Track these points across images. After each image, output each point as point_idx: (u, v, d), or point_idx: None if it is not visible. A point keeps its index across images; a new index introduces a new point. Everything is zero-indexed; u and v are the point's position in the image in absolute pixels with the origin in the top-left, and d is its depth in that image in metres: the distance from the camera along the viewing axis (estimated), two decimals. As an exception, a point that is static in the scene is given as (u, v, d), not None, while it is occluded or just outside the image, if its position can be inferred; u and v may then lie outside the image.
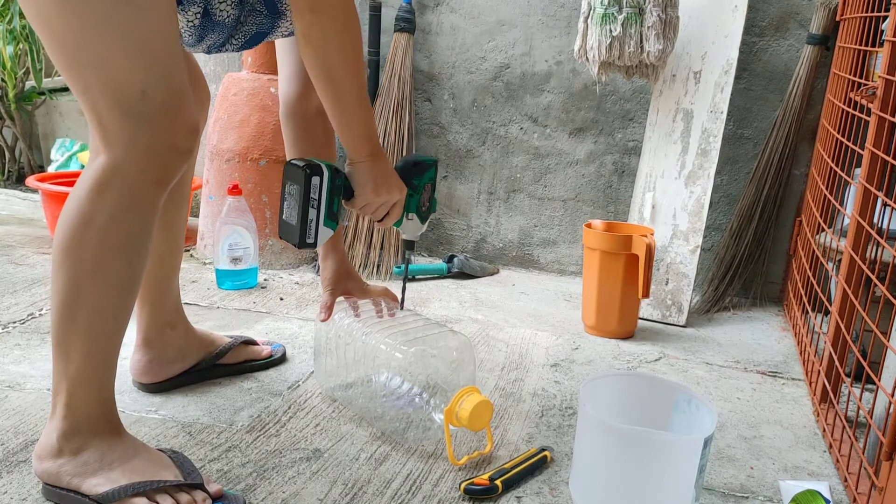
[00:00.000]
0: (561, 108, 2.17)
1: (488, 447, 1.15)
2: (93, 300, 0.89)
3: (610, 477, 0.96)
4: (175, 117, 0.87)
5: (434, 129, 2.27)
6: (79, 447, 0.93)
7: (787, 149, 1.98)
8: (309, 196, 1.06)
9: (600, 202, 2.20)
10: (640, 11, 1.74)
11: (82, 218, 0.87)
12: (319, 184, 1.06)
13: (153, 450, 0.98)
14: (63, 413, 0.92)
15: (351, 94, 1.03)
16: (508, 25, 2.15)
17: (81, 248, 0.87)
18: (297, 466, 1.08)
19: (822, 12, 1.90)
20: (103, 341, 0.92)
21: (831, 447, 1.23)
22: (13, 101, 2.79)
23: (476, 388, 1.12)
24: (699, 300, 2.02)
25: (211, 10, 1.02)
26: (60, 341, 0.90)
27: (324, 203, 1.07)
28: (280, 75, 1.26)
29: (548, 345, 1.67)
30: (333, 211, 1.09)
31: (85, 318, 0.89)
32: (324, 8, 0.95)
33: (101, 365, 0.93)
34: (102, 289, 0.89)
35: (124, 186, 0.86)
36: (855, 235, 1.28)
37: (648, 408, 1.06)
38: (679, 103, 1.90)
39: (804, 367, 1.61)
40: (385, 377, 1.17)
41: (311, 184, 1.05)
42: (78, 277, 0.88)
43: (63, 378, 0.91)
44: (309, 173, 1.05)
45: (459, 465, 1.10)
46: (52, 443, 0.93)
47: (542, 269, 2.29)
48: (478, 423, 1.10)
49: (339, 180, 1.08)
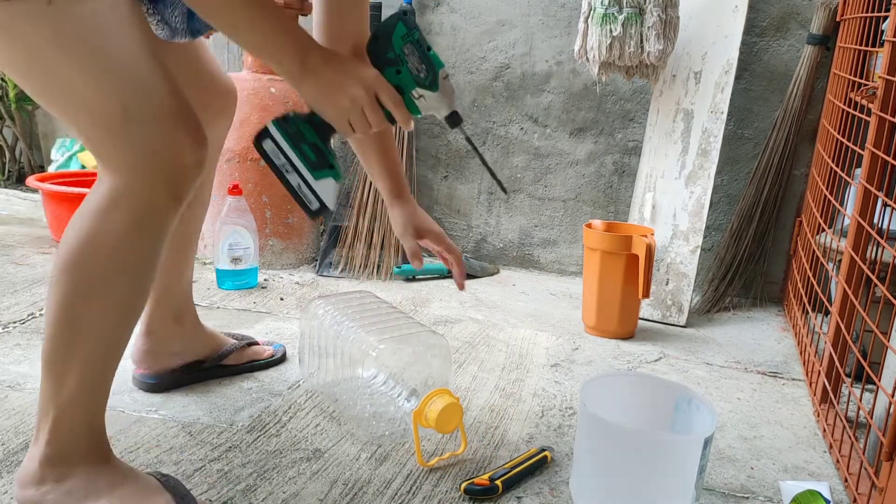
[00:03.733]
0: (561, 109, 2.17)
1: (462, 447, 1.14)
2: (91, 321, 0.84)
3: (610, 477, 0.96)
4: (170, 131, 0.82)
5: (434, 128, 2.27)
6: (63, 474, 0.87)
7: (788, 149, 1.98)
8: (275, 164, 0.92)
9: (600, 202, 2.20)
10: (641, 11, 1.74)
11: (87, 237, 0.83)
12: (274, 145, 0.91)
13: (143, 475, 0.93)
14: (48, 438, 0.86)
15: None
16: (509, 25, 2.15)
17: (84, 267, 0.83)
18: (297, 466, 1.08)
19: (823, 12, 1.90)
20: (99, 365, 0.87)
21: (831, 447, 1.23)
22: (13, 100, 2.79)
23: (447, 391, 1.11)
24: (699, 300, 2.02)
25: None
26: (52, 362, 0.85)
27: (295, 160, 0.91)
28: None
29: (548, 345, 1.67)
30: (313, 159, 0.92)
31: (81, 340, 0.85)
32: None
33: (94, 390, 0.88)
34: (102, 310, 0.85)
35: (134, 207, 0.83)
36: (855, 236, 1.28)
37: (649, 408, 1.06)
38: (679, 103, 1.90)
39: (804, 367, 1.61)
40: (365, 374, 1.17)
41: (266, 150, 0.92)
42: (76, 297, 0.84)
43: (51, 402, 0.86)
44: (258, 141, 0.92)
45: (429, 466, 1.10)
46: (35, 469, 0.87)
47: (542, 270, 2.29)
48: (446, 426, 1.09)
49: (292, 125, 0.91)
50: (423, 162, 2.28)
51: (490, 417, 1.28)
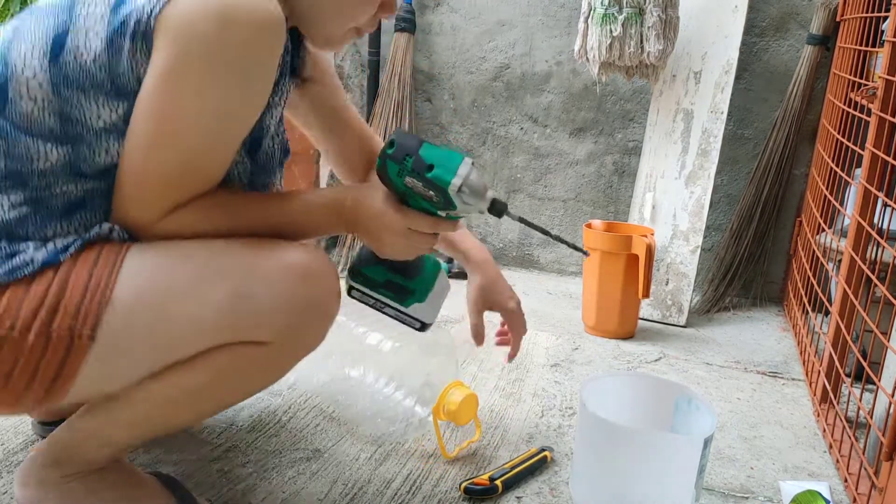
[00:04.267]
0: (561, 109, 2.17)
1: (476, 435, 1.16)
2: (177, 418, 0.86)
3: (610, 477, 0.96)
4: (299, 313, 0.80)
5: (434, 129, 2.27)
6: (64, 474, 0.86)
7: (788, 149, 1.98)
8: (371, 305, 0.95)
9: (600, 202, 2.20)
10: (641, 12, 1.74)
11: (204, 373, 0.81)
12: (360, 293, 0.94)
13: (144, 475, 0.93)
14: (52, 440, 0.86)
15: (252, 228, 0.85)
16: (509, 25, 2.15)
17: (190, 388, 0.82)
18: (297, 466, 1.08)
19: (823, 13, 1.90)
20: (150, 432, 0.88)
21: (831, 447, 1.23)
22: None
23: (461, 382, 1.13)
24: (699, 300, 2.02)
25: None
26: (111, 421, 0.84)
27: (381, 298, 0.93)
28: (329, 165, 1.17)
29: (548, 345, 1.67)
30: (393, 295, 0.93)
31: (152, 420, 0.85)
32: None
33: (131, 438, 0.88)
34: (187, 413, 0.86)
35: (270, 364, 0.84)
36: (855, 236, 1.28)
37: (649, 408, 1.06)
38: (679, 103, 1.90)
39: (804, 367, 1.61)
40: (369, 373, 1.17)
41: (358, 298, 0.95)
42: (171, 403, 0.83)
43: (81, 429, 0.85)
44: (349, 294, 0.94)
45: (451, 457, 1.11)
46: (36, 468, 0.86)
47: (542, 269, 2.29)
48: (464, 417, 1.11)
49: (359, 277, 0.93)
50: (423, 162, 2.28)
51: (490, 417, 1.28)
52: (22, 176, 0.76)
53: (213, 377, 0.81)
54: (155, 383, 0.80)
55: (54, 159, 0.77)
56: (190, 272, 0.78)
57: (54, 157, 0.77)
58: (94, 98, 0.76)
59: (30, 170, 0.76)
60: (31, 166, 0.76)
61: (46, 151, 0.76)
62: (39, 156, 0.76)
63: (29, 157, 0.76)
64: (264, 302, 0.78)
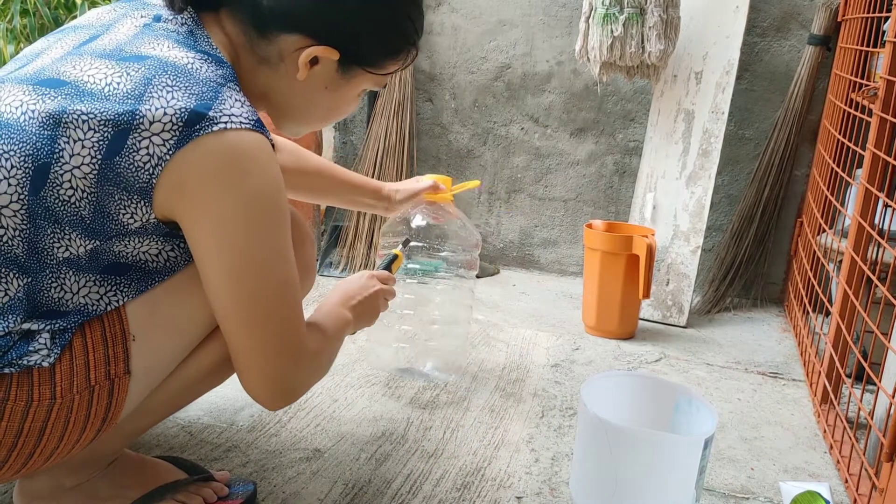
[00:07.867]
0: (562, 109, 2.17)
1: (475, 182, 1.44)
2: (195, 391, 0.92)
3: (610, 477, 0.96)
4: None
5: (435, 129, 2.27)
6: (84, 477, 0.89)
7: (789, 149, 1.98)
8: None
9: (601, 202, 2.20)
10: (642, 12, 1.74)
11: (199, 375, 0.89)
12: None
13: (156, 460, 0.97)
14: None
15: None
16: (509, 25, 2.15)
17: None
18: (297, 466, 1.08)
19: (824, 13, 1.90)
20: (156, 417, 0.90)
21: (832, 448, 1.23)
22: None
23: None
24: (700, 301, 2.02)
25: None
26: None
27: None
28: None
29: (548, 345, 1.67)
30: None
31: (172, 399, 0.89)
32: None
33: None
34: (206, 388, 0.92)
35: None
36: (856, 236, 1.28)
37: (649, 408, 1.06)
38: (680, 104, 1.90)
39: (805, 367, 1.61)
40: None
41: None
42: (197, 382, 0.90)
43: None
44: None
45: (455, 191, 1.37)
46: (54, 479, 0.87)
47: (542, 270, 2.29)
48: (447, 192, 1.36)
49: None
50: (423, 162, 2.28)
51: (490, 417, 1.28)
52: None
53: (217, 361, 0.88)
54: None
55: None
56: (190, 271, 0.81)
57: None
58: (67, 231, 0.72)
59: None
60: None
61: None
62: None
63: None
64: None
